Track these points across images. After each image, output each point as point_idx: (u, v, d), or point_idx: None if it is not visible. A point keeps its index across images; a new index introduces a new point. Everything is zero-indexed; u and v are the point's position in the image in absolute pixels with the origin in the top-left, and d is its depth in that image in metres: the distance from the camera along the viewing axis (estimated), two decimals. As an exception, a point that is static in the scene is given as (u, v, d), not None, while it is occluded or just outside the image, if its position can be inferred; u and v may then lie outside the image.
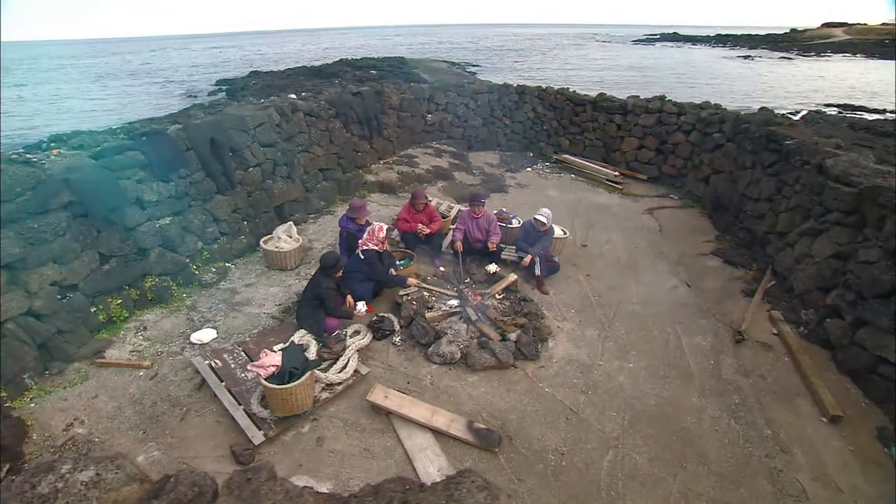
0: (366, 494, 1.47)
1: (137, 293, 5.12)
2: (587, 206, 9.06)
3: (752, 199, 7.27)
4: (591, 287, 6.25)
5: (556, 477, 3.65)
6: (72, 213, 4.56)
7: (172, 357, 4.66)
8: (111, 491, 1.58)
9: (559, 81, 25.48)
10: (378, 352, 4.92)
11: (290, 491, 1.44)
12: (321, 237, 7.18)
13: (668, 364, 4.82)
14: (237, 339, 4.93)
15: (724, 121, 8.66)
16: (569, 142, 11.65)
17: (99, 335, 4.77)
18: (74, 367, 4.48)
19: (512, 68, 38.30)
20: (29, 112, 21.77)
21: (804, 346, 5.02)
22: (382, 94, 9.70)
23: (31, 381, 4.22)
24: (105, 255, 4.87)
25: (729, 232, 7.55)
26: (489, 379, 4.61)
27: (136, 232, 5.10)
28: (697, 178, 9.07)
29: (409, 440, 3.90)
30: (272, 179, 6.97)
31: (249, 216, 6.56)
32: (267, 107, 7.06)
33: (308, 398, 4.00)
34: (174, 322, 5.13)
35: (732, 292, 6.09)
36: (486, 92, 11.88)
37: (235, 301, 5.59)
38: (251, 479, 1.51)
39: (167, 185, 5.39)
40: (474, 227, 6.39)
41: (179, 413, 4.11)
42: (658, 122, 10.02)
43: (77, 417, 4.02)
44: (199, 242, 5.82)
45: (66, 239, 4.48)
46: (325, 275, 4.81)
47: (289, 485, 1.50)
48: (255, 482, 1.48)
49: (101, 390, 4.28)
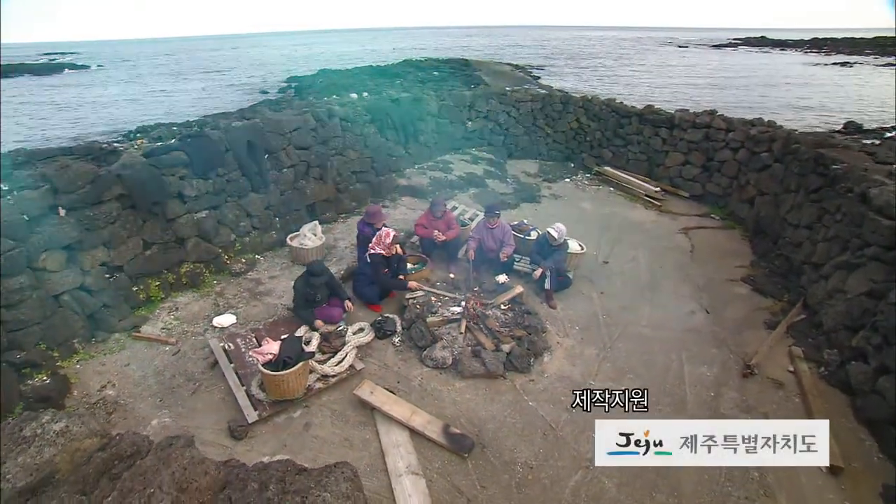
0: (255, 469, 1.70)
1: (174, 277, 5.76)
2: (620, 221, 8.85)
3: (793, 225, 6.81)
4: (602, 305, 6.16)
5: (519, 489, 3.73)
6: (122, 205, 5.25)
7: (195, 337, 5.21)
8: (74, 441, 1.95)
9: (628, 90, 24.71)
10: (377, 350, 5.19)
11: (194, 457, 1.70)
12: (347, 237, 7.59)
13: (664, 391, 4.70)
14: (252, 325, 5.40)
15: (774, 139, 8.13)
16: (612, 154, 11.38)
17: (137, 312, 5.44)
18: (115, 337, 5.14)
19: (577, 73, 37.46)
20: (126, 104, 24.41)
21: (821, 389, 4.70)
22: (421, 101, 10.02)
23: (79, 345, 4.92)
24: (148, 241, 5.56)
25: (766, 258, 7.11)
26: (476, 387, 4.73)
27: (176, 223, 5.76)
28: (742, 198, 8.58)
29: (386, 436, 4.14)
30: (305, 180, 7.49)
31: (281, 213, 7.11)
32: (305, 111, 7.59)
33: (299, 386, 4.35)
34: (202, 305, 5.71)
35: (754, 323, 5.77)
36: (530, 100, 11.88)
37: (258, 291, 6.10)
38: (172, 444, 1.80)
39: (206, 182, 6.03)
40: (489, 237, 6.51)
41: (192, 387, 4.61)
42: (705, 137, 9.56)
43: (110, 381, 4.64)
44: (232, 235, 6.42)
45: (115, 226, 5.18)
46: (305, 277, 5.14)
47: (196, 452, 1.77)
48: (175, 446, 1.77)
49: (132, 360, 4.89)
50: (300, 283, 5.17)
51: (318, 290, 5.20)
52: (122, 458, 1.86)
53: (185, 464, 1.70)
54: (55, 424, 2.01)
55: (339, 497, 1.62)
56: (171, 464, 1.68)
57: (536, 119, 11.91)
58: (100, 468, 1.83)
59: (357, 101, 9.44)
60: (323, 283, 5.21)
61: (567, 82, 32.34)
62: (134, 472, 1.71)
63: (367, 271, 5.58)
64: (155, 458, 1.72)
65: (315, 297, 5.20)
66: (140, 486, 1.66)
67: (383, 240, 5.55)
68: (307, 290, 5.14)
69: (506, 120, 11.78)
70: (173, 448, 1.78)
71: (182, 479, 1.67)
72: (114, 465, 1.82)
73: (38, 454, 1.96)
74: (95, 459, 1.87)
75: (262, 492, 1.63)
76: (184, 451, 1.74)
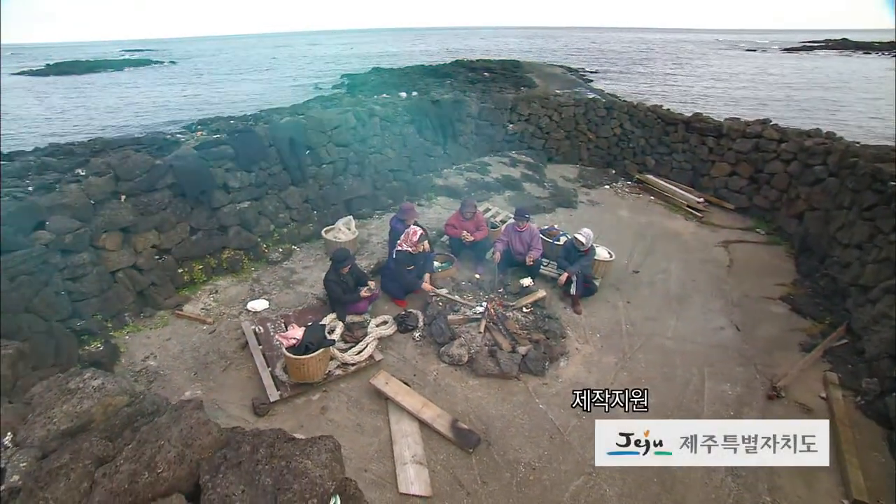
0: (251, 435, 1.90)
1: (215, 262, 6.21)
2: (656, 231, 8.62)
3: (842, 244, 6.41)
4: (627, 315, 6.07)
5: (519, 488, 3.80)
6: (173, 193, 5.73)
7: (230, 319, 5.60)
8: (108, 396, 2.24)
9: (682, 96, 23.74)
10: (398, 343, 5.38)
11: (200, 419, 1.92)
12: (380, 233, 7.84)
13: (679, 406, 4.60)
14: (283, 312, 5.73)
15: (830, 152, 7.66)
16: (655, 162, 11.06)
17: (181, 292, 5.91)
18: (160, 314, 5.62)
19: (631, 77, 36.34)
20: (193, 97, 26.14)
21: (854, 418, 4.45)
22: (461, 104, 10.15)
23: (129, 319, 5.42)
24: (194, 228, 6.03)
25: (810, 277, 6.73)
26: (489, 386, 4.82)
27: (220, 212, 6.21)
28: (790, 213, 8.13)
29: (397, 425, 4.31)
30: (343, 176, 7.82)
31: (318, 207, 7.47)
32: (346, 111, 7.92)
33: (319, 371, 4.60)
34: (239, 290, 6.12)
35: (788, 344, 5.51)
36: (573, 105, 11.74)
37: (292, 279, 6.45)
38: (184, 406, 2.04)
39: (249, 174, 6.46)
40: (517, 240, 6.55)
41: (224, 365, 4.97)
42: (755, 147, 9.11)
43: (153, 353, 5.09)
44: (271, 225, 6.83)
45: (166, 212, 5.67)
46: (332, 268, 5.38)
47: (202, 415, 1.99)
48: (186, 409, 2.00)
49: (173, 335, 5.33)
50: (332, 276, 5.41)
51: (348, 278, 5.43)
52: (144, 414, 2.13)
53: (192, 423, 1.93)
54: (94, 381, 2.31)
55: (319, 465, 1.78)
56: (180, 422, 1.91)
57: (578, 123, 11.76)
58: (125, 421, 2.11)
59: (397, 101, 9.70)
60: (349, 271, 5.45)
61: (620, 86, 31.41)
62: (151, 426, 1.96)
63: (393, 266, 5.79)
64: (168, 417, 1.96)
65: (348, 285, 5.44)
66: (154, 438, 1.90)
67: (410, 238, 5.73)
68: (340, 279, 5.38)
69: (547, 124, 11.71)
70: (184, 409, 2.02)
71: (188, 436, 1.90)
72: (136, 420, 2.10)
73: (78, 404, 2.27)
74: (122, 413, 2.15)
75: (253, 454, 1.82)
76: (192, 413, 1.97)
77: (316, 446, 1.83)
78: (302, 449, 1.81)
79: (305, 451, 1.80)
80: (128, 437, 1.99)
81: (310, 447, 1.83)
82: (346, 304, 5.43)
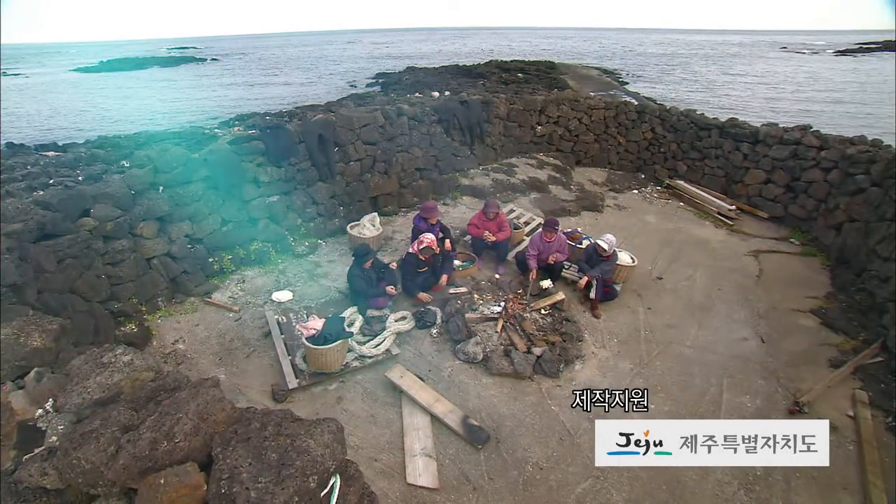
0: (262, 413, 2.02)
1: (244, 253, 6.47)
2: (683, 237, 8.43)
3: (882, 258, 6.12)
4: (647, 321, 5.98)
5: (525, 487, 3.83)
6: (206, 185, 6.01)
7: (255, 308, 5.83)
8: (135, 371, 2.44)
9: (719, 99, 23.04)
10: (416, 339, 5.48)
11: (216, 396, 2.06)
12: (404, 230, 7.98)
13: (694, 414, 4.52)
14: (306, 303, 5.92)
15: (874, 161, 7.31)
16: (686, 167, 10.80)
17: (211, 280, 6.18)
18: (190, 300, 5.90)
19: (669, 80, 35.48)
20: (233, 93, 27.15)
21: (883, 440, 4.27)
22: (490, 104, 10.18)
23: (162, 304, 5.72)
24: (225, 219, 6.31)
25: (845, 291, 6.45)
26: (502, 385, 4.86)
27: (250, 205, 6.48)
28: (828, 223, 7.80)
29: (409, 418, 4.41)
30: (370, 173, 7.99)
31: (345, 203, 7.66)
32: (375, 110, 8.09)
33: (336, 361, 4.75)
34: (265, 280, 6.36)
35: (816, 359, 5.31)
36: (603, 108, 11.59)
37: (316, 273, 6.65)
38: (203, 384, 2.19)
39: (279, 169, 6.70)
40: (546, 250, 6.50)
41: (247, 351, 5.19)
42: (793, 155, 8.77)
43: (181, 337, 5.36)
44: (298, 219, 7.07)
45: (199, 204, 5.96)
46: (356, 263, 5.52)
47: (218, 392, 2.13)
48: (203, 386, 2.16)
49: (201, 321, 5.60)
50: (356, 271, 5.56)
51: (371, 273, 5.58)
52: (167, 389, 2.30)
53: (208, 399, 2.07)
54: (124, 357, 2.51)
55: (321, 445, 1.89)
56: (198, 398, 2.06)
57: (608, 127, 11.59)
58: (150, 394, 2.29)
59: (426, 100, 9.83)
60: (372, 266, 5.59)
61: (656, 89, 30.74)
62: (171, 400, 2.12)
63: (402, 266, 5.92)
64: (188, 393, 2.12)
65: (371, 279, 5.58)
66: (174, 411, 2.06)
67: (420, 244, 5.79)
68: (363, 273, 5.54)
69: (577, 126, 11.59)
70: (202, 386, 2.18)
71: (204, 411, 2.04)
72: (160, 394, 2.27)
73: (109, 377, 2.47)
74: (147, 387, 2.33)
75: (261, 430, 1.95)
76: (209, 390, 2.12)
77: (320, 427, 1.94)
78: (307, 429, 1.92)
79: (310, 431, 1.91)
80: (151, 408, 2.15)
81: (314, 428, 1.94)
82: (369, 298, 5.57)
